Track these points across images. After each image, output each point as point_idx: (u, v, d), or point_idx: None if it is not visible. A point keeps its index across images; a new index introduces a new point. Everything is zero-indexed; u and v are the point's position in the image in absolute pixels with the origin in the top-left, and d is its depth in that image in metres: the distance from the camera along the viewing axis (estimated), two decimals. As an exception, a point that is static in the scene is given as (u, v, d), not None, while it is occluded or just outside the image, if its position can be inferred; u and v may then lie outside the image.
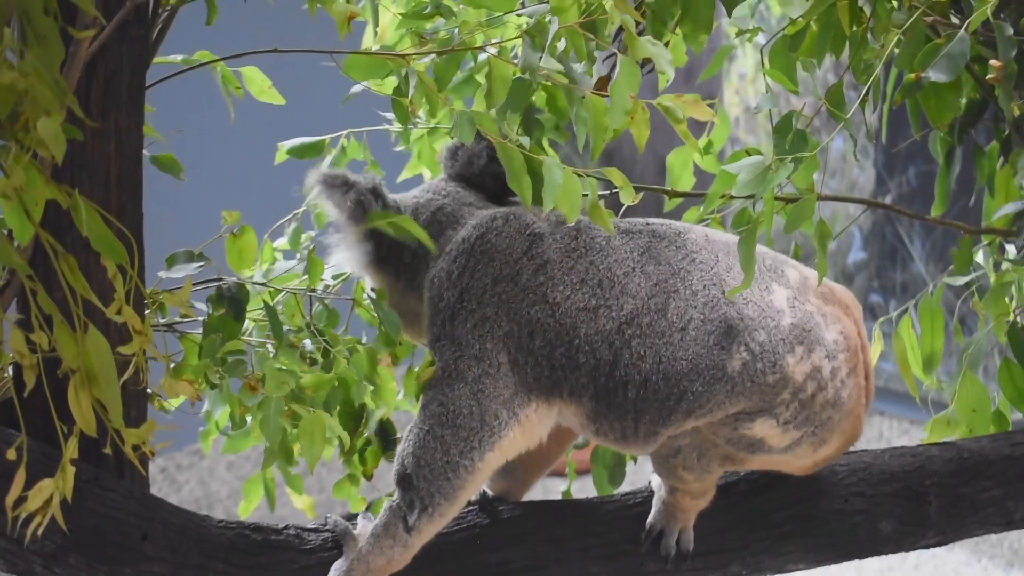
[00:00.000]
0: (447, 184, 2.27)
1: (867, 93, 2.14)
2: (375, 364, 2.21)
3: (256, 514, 2.39)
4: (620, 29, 2.08)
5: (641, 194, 2.24)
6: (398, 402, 2.41)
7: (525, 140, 2.01)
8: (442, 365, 2.12)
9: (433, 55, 2.12)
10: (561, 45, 2.09)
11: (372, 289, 2.26)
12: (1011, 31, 2.09)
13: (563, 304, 2.13)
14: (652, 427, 2.12)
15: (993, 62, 2.10)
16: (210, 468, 4.66)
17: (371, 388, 2.23)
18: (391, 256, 2.21)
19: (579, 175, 1.98)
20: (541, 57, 1.99)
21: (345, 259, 2.21)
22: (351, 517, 2.23)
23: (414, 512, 2.11)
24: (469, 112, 1.99)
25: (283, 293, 2.24)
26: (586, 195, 2.01)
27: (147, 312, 2.13)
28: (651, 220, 2.23)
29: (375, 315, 2.19)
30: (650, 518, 2.24)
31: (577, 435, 2.31)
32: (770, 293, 2.14)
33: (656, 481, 2.26)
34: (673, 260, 2.15)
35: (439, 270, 2.17)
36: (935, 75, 2.05)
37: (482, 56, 2.20)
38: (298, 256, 2.30)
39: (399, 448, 2.14)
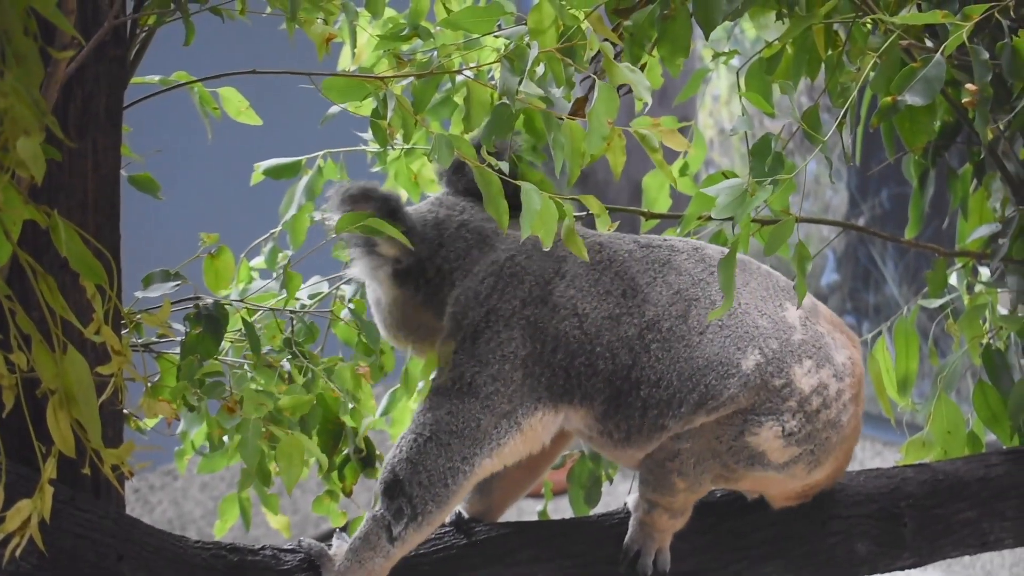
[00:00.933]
0: (457, 199, 2.29)
1: (844, 116, 2.15)
2: (359, 379, 2.22)
3: (231, 534, 2.38)
4: (598, 53, 2.09)
5: (618, 223, 2.26)
6: (375, 421, 2.42)
7: (505, 165, 2.02)
8: (455, 376, 2.14)
9: (411, 80, 2.13)
10: (540, 70, 2.10)
11: (350, 301, 2.27)
12: (987, 55, 2.10)
13: (591, 315, 2.16)
14: (660, 420, 2.15)
15: (968, 86, 2.11)
16: (183, 489, 4.65)
17: (352, 406, 2.24)
18: (413, 271, 2.23)
19: (556, 202, 1.98)
20: (521, 81, 2.00)
21: (363, 270, 2.22)
22: (327, 537, 2.22)
23: (401, 521, 2.11)
24: (447, 135, 2.00)
25: (261, 312, 2.24)
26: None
27: (125, 332, 2.12)
28: (668, 236, 2.29)
29: (354, 331, 2.19)
30: (627, 539, 2.24)
31: (560, 452, 2.32)
32: (783, 310, 2.20)
33: (632, 501, 2.26)
34: (693, 271, 2.20)
35: (467, 289, 2.19)
36: (911, 98, 2.07)
37: (460, 78, 2.21)
38: (275, 275, 2.30)
39: (389, 456, 2.14)
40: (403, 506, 2.11)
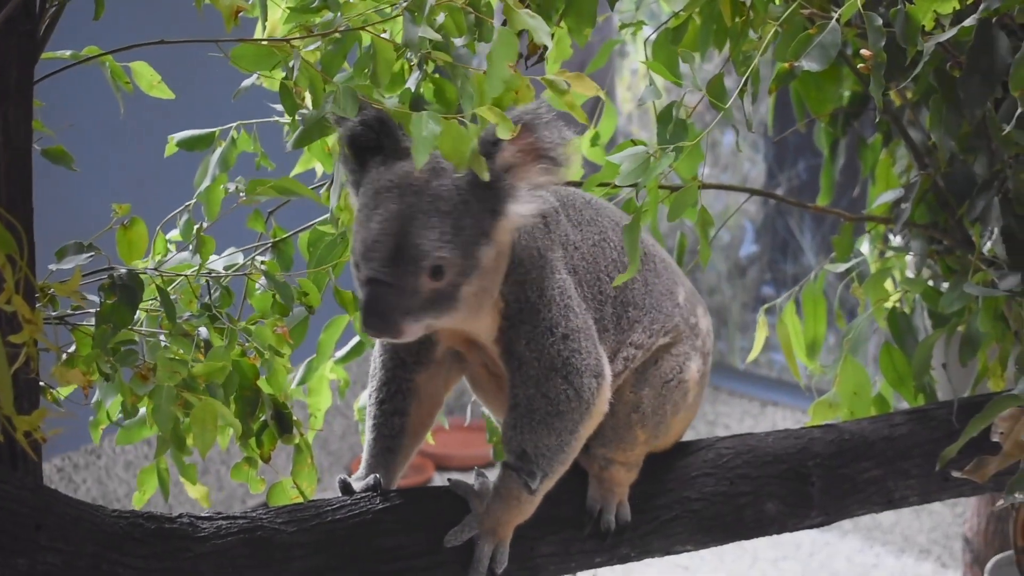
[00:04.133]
0: None
1: (745, 83, 2.19)
2: (280, 338, 2.24)
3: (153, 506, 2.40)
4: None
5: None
6: (294, 391, 2.44)
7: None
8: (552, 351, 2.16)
9: (320, 44, 2.14)
10: (440, 20, 2.11)
11: (263, 263, 2.29)
12: (880, 22, 2.15)
13: (582, 245, 2.22)
14: (641, 339, 2.25)
15: (864, 52, 2.15)
16: (107, 467, 4.63)
17: (266, 374, 2.26)
18: None
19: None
20: (421, 28, 2.00)
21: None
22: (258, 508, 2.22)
23: (535, 479, 2.18)
24: (350, 85, 2.01)
25: (177, 281, 2.25)
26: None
27: (39, 306, 2.13)
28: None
29: (268, 297, 2.22)
30: (588, 499, 2.30)
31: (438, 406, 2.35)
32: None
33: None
34: (613, 216, 2.30)
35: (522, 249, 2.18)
36: (808, 64, 2.11)
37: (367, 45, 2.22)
38: (191, 247, 2.31)
39: (512, 434, 2.18)
40: (535, 470, 2.17)
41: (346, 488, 2.23)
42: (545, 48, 2.37)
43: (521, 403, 2.17)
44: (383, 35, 2.11)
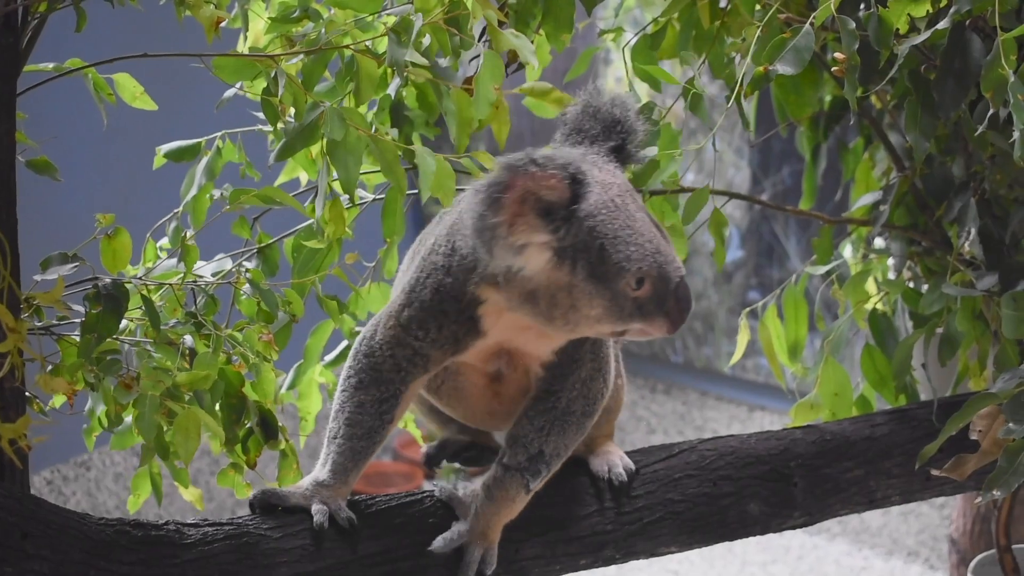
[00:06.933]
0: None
1: (741, 84, 2.20)
2: (267, 345, 2.25)
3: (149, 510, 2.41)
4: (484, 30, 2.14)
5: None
6: (284, 394, 2.46)
7: (394, 132, 2.06)
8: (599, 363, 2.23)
9: (301, 56, 2.16)
10: (426, 42, 2.14)
11: (247, 272, 2.30)
12: (854, 25, 2.17)
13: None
14: None
15: (837, 55, 2.18)
16: (97, 479, 4.64)
17: (252, 379, 2.27)
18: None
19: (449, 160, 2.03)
20: (407, 52, 2.03)
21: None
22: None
23: (538, 479, 2.21)
24: (338, 108, 2.03)
25: (163, 289, 2.27)
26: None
27: (24, 316, 2.14)
28: None
29: (254, 302, 2.23)
30: (595, 468, 2.35)
31: None
32: None
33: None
34: None
35: None
36: (782, 68, 2.13)
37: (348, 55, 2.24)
38: (178, 255, 2.33)
39: (534, 436, 2.22)
40: (543, 470, 2.20)
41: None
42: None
43: (560, 406, 2.21)
44: (367, 43, 2.13)
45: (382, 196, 2.42)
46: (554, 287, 2.04)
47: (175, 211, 2.44)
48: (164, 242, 2.41)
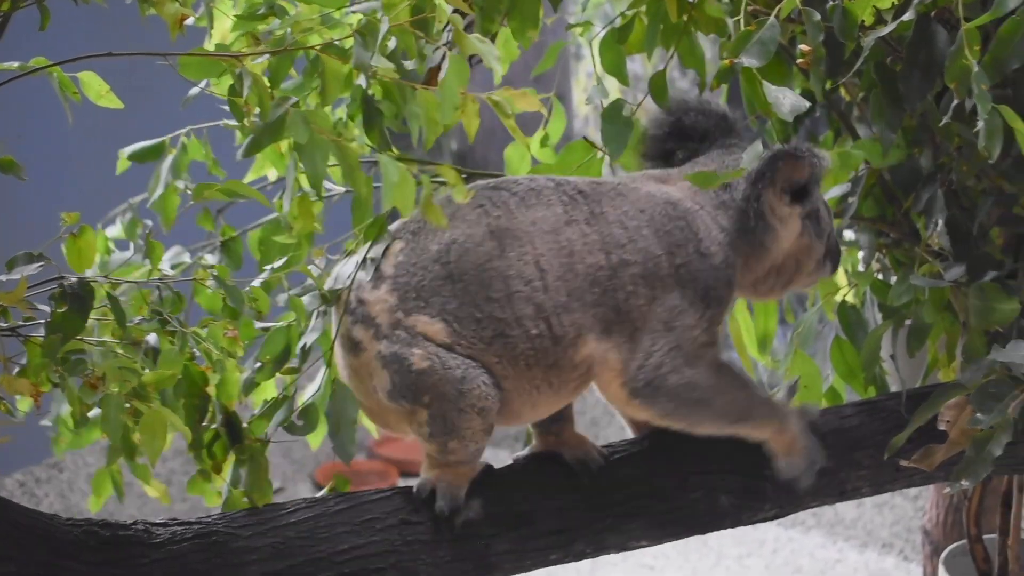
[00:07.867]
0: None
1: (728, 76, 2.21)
2: (232, 340, 2.24)
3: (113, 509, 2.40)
4: (448, 25, 2.13)
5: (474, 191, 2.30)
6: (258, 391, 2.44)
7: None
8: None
9: (268, 55, 2.15)
10: (392, 44, 2.13)
11: (213, 267, 2.29)
12: (819, 17, 2.17)
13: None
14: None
15: (802, 47, 2.18)
16: (70, 481, 4.63)
17: (218, 378, 2.26)
18: None
19: (413, 171, 2.03)
20: (372, 56, 2.03)
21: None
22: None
23: None
24: (302, 112, 2.02)
25: (125, 285, 2.25)
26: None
27: (-10, 318, 2.13)
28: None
29: (218, 297, 2.22)
30: (568, 456, 2.37)
31: None
32: None
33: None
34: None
35: None
36: (748, 60, 2.13)
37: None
38: (132, 246, 2.31)
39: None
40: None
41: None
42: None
43: None
44: (335, 41, 2.12)
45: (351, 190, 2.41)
46: (797, 251, 2.37)
47: (129, 201, 2.42)
48: (114, 231, 2.39)
